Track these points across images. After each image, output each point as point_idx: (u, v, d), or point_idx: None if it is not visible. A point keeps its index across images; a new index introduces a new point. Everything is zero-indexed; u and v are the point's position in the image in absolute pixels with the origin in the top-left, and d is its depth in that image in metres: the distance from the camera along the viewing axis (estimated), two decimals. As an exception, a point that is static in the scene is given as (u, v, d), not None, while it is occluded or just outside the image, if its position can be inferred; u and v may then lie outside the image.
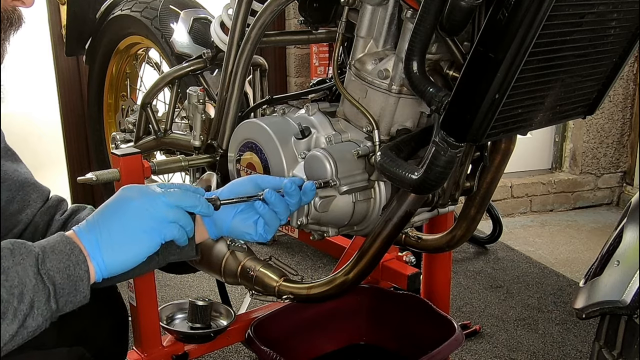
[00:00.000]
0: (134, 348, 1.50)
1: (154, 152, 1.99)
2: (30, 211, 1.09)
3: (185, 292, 2.45)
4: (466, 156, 1.23)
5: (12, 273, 0.76)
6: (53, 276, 0.79)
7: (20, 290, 0.76)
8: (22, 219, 1.08)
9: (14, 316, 0.75)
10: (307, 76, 3.10)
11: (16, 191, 1.07)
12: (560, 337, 2.16)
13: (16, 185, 1.07)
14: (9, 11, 0.94)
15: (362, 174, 1.17)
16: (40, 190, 1.11)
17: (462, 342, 1.47)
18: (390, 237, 1.15)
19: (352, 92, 1.18)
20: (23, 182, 1.08)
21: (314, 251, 2.78)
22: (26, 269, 0.77)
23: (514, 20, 0.85)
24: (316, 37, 1.54)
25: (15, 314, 0.76)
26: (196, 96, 1.60)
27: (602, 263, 0.94)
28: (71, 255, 0.81)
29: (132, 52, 2.31)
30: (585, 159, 3.47)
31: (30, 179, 1.10)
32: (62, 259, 0.80)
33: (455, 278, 2.57)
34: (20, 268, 0.77)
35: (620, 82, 3.36)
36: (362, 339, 1.71)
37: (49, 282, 0.78)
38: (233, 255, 1.17)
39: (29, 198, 1.09)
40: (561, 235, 3.15)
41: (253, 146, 1.26)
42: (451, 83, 1.08)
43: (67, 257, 0.81)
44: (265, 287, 1.17)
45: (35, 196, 1.10)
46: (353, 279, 1.18)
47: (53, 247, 0.81)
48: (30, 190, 1.09)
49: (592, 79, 1.10)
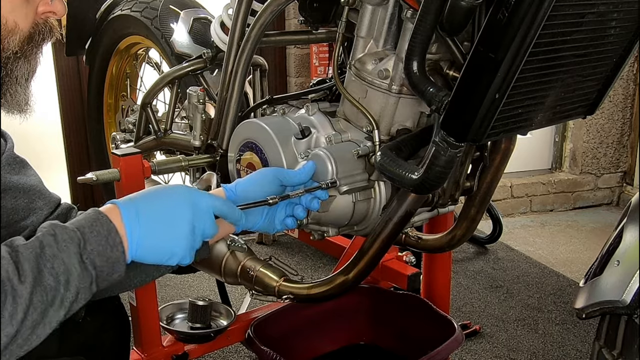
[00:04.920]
0: (134, 348, 1.50)
1: (154, 152, 1.99)
2: (35, 218, 1.06)
3: (185, 292, 2.45)
4: (466, 156, 1.23)
5: (57, 261, 0.77)
6: (94, 260, 0.80)
7: (66, 277, 0.77)
8: (27, 226, 1.06)
9: (60, 303, 0.77)
10: (307, 76, 3.10)
11: (20, 198, 1.05)
12: (560, 337, 2.16)
13: (20, 193, 1.05)
14: (41, 24, 0.94)
15: (362, 174, 1.17)
16: (48, 197, 1.09)
17: (462, 342, 1.47)
18: (391, 237, 1.15)
19: (352, 92, 1.18)
20: (28, 189, 1.06)
21: (314, 251, 2.77)
22: (70, 256, 0.78)
23: (514, 20, 0.85)
24: (316, 37, 1.54)
25: (62, 302, 0.77)
26: (196, 96, 1.60)
27: (602, 263, 0.94)
28: (108, 237, 0.82)
29: (132, 52, 2.31)
30: (585, 159, 3.47)
31: (37, 186, 1.07)
32: (101, 242, 0.81)
33: (455, 278, 2.57)
34: (65, 255, 0.78)
35: (620, 82, 3.36)
36: (362, 339, 1.71)
37: (91, 267, 0.80)
38: (233, 255, 1.17)
39: (34, 205, 1.06)
40: (561, 235, 3.15)
41: (253, 146, 1.26)
42: (451, 83, 1.08)
43: (105, 240, 0.82)
44: (265, 287, 1.17)
45: (41, 203, 1.07)
46: (353, 279, 1.18)
47: (91, 227, 0.82)
48: (35, 197, 1.07)
49: (592, 79, 1.10)
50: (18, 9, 0.89)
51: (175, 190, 0.91)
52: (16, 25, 0.90)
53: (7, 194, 1.01)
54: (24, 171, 1.06)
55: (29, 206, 1.06)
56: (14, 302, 0.72)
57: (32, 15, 0.92)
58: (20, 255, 0.75)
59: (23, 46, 0.91)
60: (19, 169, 1.05)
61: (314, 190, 1.10)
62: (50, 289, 0.76)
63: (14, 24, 0.89)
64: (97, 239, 0.81)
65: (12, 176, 1.02)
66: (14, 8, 0.89)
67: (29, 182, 1.06)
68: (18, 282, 0.73)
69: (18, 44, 0.91)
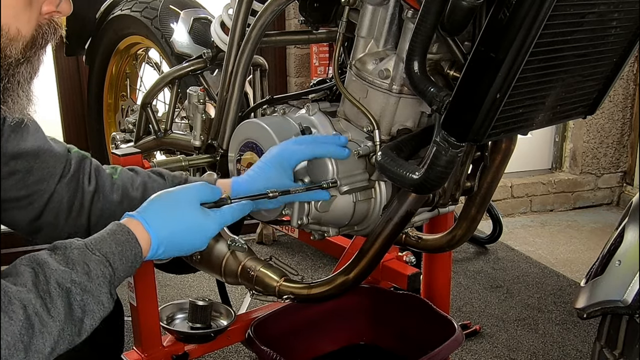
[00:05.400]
0: (134, 348, 1.49)
1: (154, 152, 1.99)
2: (52, 181, 1.06)
3: (185, 292, 2.44)
4: (467, 156, 1.23)
5: (87, 296, 0.82)
6: (116, 283, 0.87)
7: (92, 309, 0.83)
8: (44, 190, 1.06)
9: (85, 331, 0.83)
10: (307, 76, 3.10)
11: (33, 161, 1.04)
12: (560, 337, 2.16)
13: (31, 155, 1.04)
14: (44, 26, 0.90)
15: (362, 173, 1.17)
16: (57, 155, 1.08)
17: (462, 342, 1.47)
18: (391, 237, 1.15)
19: (352, 92, 1.18)
20: (37, 150, 1.05)
21: (314, 251, 2.77)
22: (101, 294, 0.84)
23: (515, 20, 0.85)
24: (316, 37, 1.54)
25: (87, 330, 0.83)
26: (196, 96, 1.60)
27: (603, 263, 0.94)
28: (134, 262, 0.89)
29: (132, 52, 2.30)
30: (585, 159, 3.47)
31: (43, 146, 1.06)
32: (126, 269, 0.89)
33: (455, 278, 2.57)
34: (96, 292, 0.83)
35: (620, 82, 3.36)
36: (362, 339, 1.71)
37: (114, 292, 0.87)
38: (233, 255, 1.16)
39: (46, 165, 1.06)
40: (561, 235, 3.15)
41: (253, 146, 1.26)
42: (452, 83, 1.08)
43: (131, 265, 0.89)
44: (266, 287, 1.17)
45: (52, 162, 1.07)
46: (353, 279, 1.18)
47: (121, 255, 0.87)
48: (46, 157, 1.06)
49: (592, 78, 1.10)
50: (21, 15, 0.85)
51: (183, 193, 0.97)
52: (19, 32, 0.86)
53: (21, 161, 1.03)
54: (35, 133, 1.05)
55: (41, 167, 1.06)
56: (42, 337, 0.76)
57: (36, 19, 0.88)
58: (52, 290, 0.79)
59: (26, 52, 0.88)
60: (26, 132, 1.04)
61: (314, 189, 1.10)
62: (78, 320, 0.80)
63: (17, 31, 0.85)
64: (124, 267, 0.88)
65: (23, 138, 1.03)
66: (17, 14, 0.85)
67: (37, 143, 1.05)
68: (48, 317, 0.77)
69: (21, 50, 0.87)
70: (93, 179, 1.12)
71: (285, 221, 1.30)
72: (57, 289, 0.78)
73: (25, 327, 0.74)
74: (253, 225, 2.87)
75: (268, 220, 1.28)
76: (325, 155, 1.12)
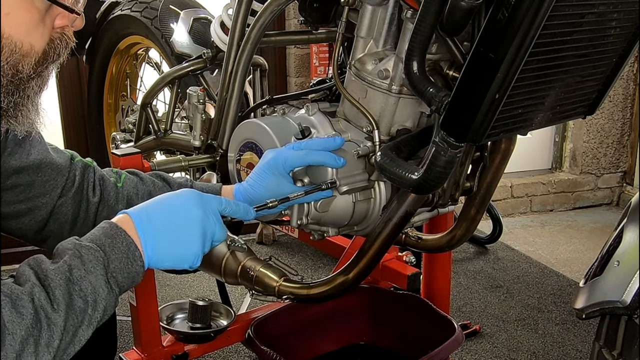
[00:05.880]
0: (134, 348, 1.50)
1: (154, 152, 1.99)
2: (54, 194, 1.06)
3: (185, 292, 2.45)
4: (466, 156, 1.23)
5: (85, 283, 0.80)
6: (117, 277, 0.84)
7: (94, 298, 0.80)
8: (46, 203, 1.05)
9: (89, 323, 0.80)
10: (307, 76, 3.10)
11: (34, 174, 1.04)
12: (560, 337, 2.16)
13: (33, 169, 1.04)
14: (56, 40, 0.89)
15: (362, 174, 1.17)
16: (58, 167, 1.07)
17: (462, 342, 1.47)
18: (391, 237, 1.15)
19: (352, 92, 1.18)
20: (39, 163, 1.04)
21: (314, 251, 2.77)
22: (97, 278, 0.81)
23: (514, 20, 0.85)
24: (316, 37, 1.54)
25: (90, 322, 0.80)
26: (196, 96, 1.60)
27: (602, 263, 0.94)
28: (128, 252, 0.85)
29: (132, 52, 2.31)
30: (585, 159, 3.47)
31: (45, 159, 1.05)
32: (122, 259, 0.84)
33: (455, 278, 2.57)
34: (92, 277, 0.81)
35: (620, 82, 3.36)
36: (362, 339, 1.71)
37: (115, 285, 0.84)
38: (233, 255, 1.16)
39: (47, 179, 1.05)
40: (561, 235, 3.15)
41: (253, 146, 1.26)
42: (451, 83, 1.08)
43: (126, 256, 0.85)
44: (266, 287, 1.17)
45: (54, 175, 1.06)
46: (353, 279, 1.18)
47: (112, 245, 0.84)
48: (48, 170, 1.05)
49: (592, 79, 1.10)
50: (33, 31, 0.84)
51: (185, 197, 0.93)
52: (32, 48, 0.85)
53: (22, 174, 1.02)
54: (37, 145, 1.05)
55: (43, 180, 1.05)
56: (49, 330, 0.75)
57: (49, 34, 0.87)
58: (51, 282, 0.78)
59: (37, 67, 0.87)
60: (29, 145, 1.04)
61: (313, 191, 1.11)
62: (80, 311, 0.79)
63: (30, 46, 0.84)
64: (118, 256, 0.84)
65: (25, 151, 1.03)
66: (29, 31, 0.83)
67: (39, 156, 1.05)
68: (52, 310, 0.76)
69: (33, 66, 0.86)
70: (97, 189, 1.12)
71: (285, 221, 1.31)
72: (55, 278, 0.78)
73: (35, 320, 0.74)
74: (253, 225, 2.87)
75: (268, 220, 1.28)
76: (320, 164, 1.11)
